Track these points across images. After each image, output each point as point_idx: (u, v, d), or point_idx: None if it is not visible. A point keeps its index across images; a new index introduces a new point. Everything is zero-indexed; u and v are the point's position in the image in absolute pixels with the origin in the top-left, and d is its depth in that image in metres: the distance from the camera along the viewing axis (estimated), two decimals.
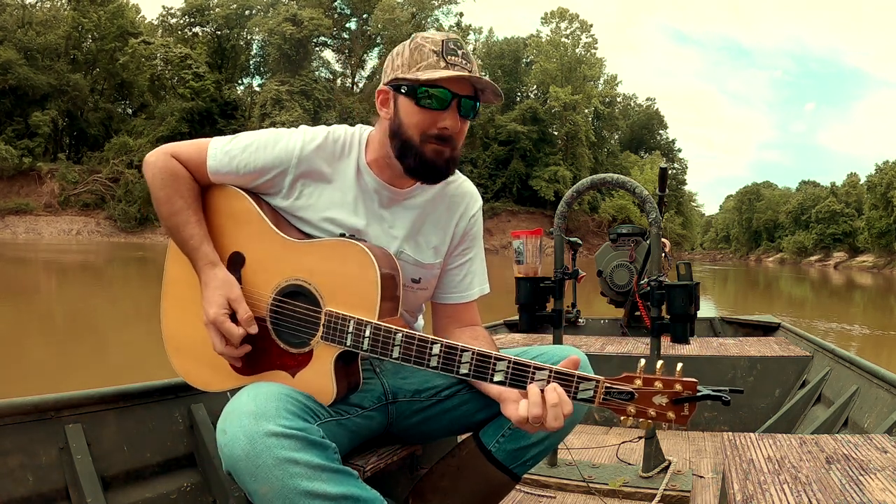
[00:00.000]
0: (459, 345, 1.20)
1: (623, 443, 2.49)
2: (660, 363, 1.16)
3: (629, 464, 2.30)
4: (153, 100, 57.52)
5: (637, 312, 3.97)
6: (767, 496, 1.18)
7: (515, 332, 3.80)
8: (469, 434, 1.52)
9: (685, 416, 1.13)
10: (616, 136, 73.45)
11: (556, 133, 61.46)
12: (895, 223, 54.61)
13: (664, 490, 2.01)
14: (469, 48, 1.35)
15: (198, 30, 62.34)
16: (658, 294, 2.08)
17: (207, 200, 1.43)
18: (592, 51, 65.47)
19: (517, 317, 2.24)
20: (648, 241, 3.10)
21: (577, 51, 64.50)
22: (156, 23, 62.32)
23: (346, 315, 1.26)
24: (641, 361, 1.17)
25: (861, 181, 67.82)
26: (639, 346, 3.26)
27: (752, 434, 1.58)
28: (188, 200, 1.38)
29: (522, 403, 1.18)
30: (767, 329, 4.07)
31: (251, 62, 64.60)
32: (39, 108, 52.98)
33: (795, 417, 2.64)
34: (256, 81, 64.38)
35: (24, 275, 18.79)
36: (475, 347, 1.20)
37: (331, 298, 1.28)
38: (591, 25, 65.70)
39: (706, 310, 13.56)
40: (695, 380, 1.14)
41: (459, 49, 1.31)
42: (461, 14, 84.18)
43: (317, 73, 61.54)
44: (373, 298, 1.26)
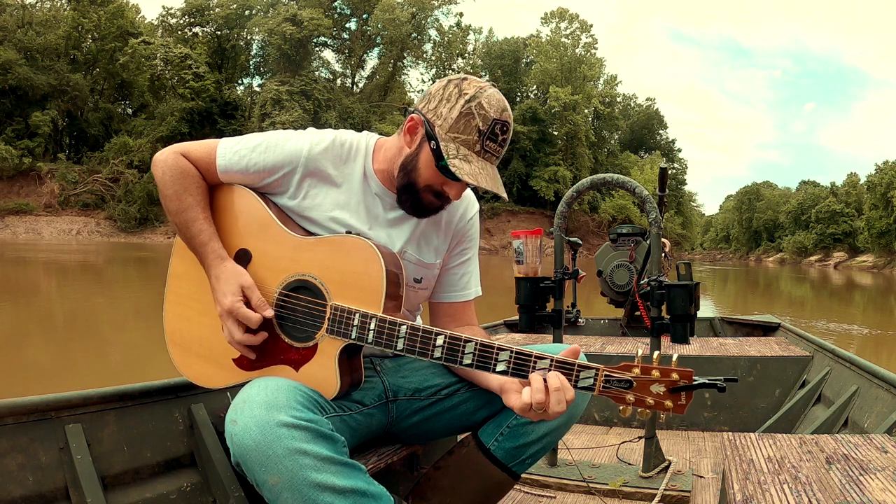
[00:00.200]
0: (463, 336, 1.23)
1: (623, 443, 2.49)
2: (656, 353, 1.18)
3: (629, 464, 2.30)
4: (153, 100, 57.51)
5: (637, 312, 3.97)
6: (767, 496, 1.18)
7: (515, 332, 3.79)
8: (468, 433, 1.53)
9: (682, 406, 1.16)
10: (616, 136, 73.42)
11: (556, 133, 61.45)
12: (895, 223, 54.62)
13: (664, 490, 2.01)
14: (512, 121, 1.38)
15: (198, 30, 62.30)
16: (658, 294, 2.08)
17: (214, 199, 1.45)
18: (592, 51, 65.48)
19: (517, 317, 2.24)
20: (648, 241, 3.10)
21: (577, 51, 64.48)
22: (156, 23, 62.30)
23: (352, 308, 1.28)
24: (639, 351, 1.19)
25: (861, 181, 67.83)
26: (639, 346, 3.24)
27: (752, 434, 1.58)
28: (197, 198, 1.40)
29: (525, 391, 1.21)
30: (767, 329, 4.07)
31: (251, 62, 64.61)
32: (39, 108, 52.96)
33: (795, 417, 2.64)
34: (256, 81, 64.46)
35: (24, 275, 18.79)
36: (478, 338, 1.23)
37: (336, 293, 1.30)
38: (591, 25, 65.78)
39: (706, 310, 13.58)
40: (690, 369, 1.16)
41: (503, 134, 1.35)
42: (461, 14, 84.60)
43: (317, 74, 61.52)
44: (378, 293, 1.28)
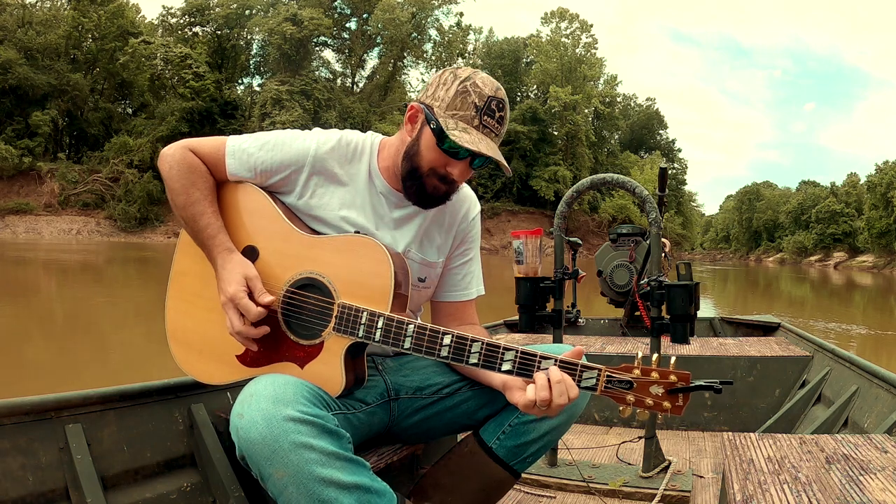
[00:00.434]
0: (469, 335, 1.25)
1: (623, 443, 2.49)
2: (655, 356, 1.21)
3: (629, 464, 2.30)
4: (153, 99, 57.48)
5: (637, 312, 3.97)
6: (767, 496, 1.18)
7: (515, 332, 3.79)
8: (469, 433, 1.53)
9: (680, 407, 1.19)
10: (616, 136, 73.43)
11: (556, 133, 61.44)
12: (895, 223, 54.62)
13: (664, 490, 2.01)
14: (508, 104, 1.39)
15: (198, 29, 62.31)
16: (658, 294, 2.08)
17: (222, 196, 1.46)
18: (592, 51, 65.48)
19: (517, 317, 2.24)
20: (648, 241, 3.10)
21: (577, 51, 64.48)
22: (156, 22, 62.30)
23: (360, 307, 1.29)
24: (639, 353, 1.21)
25: (861, 181, 67.84)
26: (639, 346, 3.26)
27: (752, 434, 1.58)
28: (204, 192, 1.41)
29: (530, 388, 1.23)
30: (767, 329, 4.06)
31: (251, 62, 64.60)
32: (39, 108, 52.95)
33: (795, 417, 2.64)
34: (256, 81, 64.46)
35: (24, 275, 18.78)
36: (484, 338, 1.25)
37: (344, 291, 1.31)
38: (592, 25, 65.76)
39: (706, 310, 13.58)
40: (688, 372, 1.19)
41: (499, 111, 1.36)
42: (461, 14, 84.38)
43: (317, 73, 61.52)
44: (386, 292, 1.29)
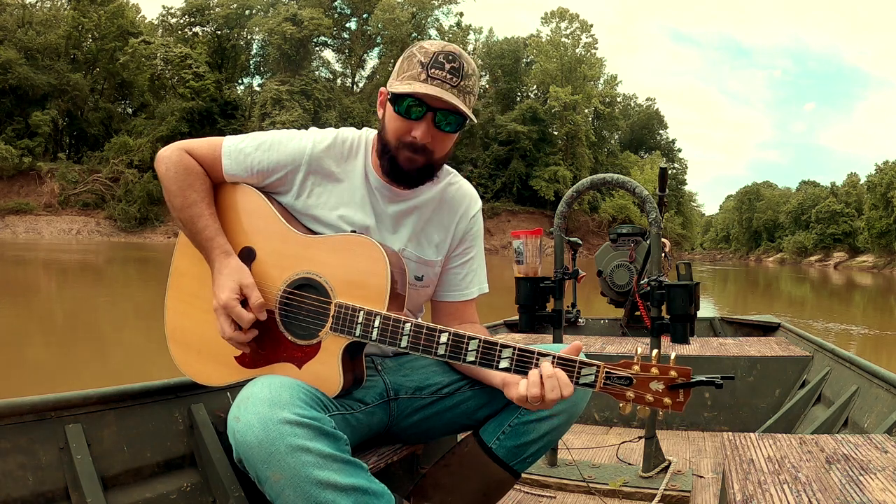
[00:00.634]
0: (466, 333, 1.24)
1: (623, 443, 2.49)
2: (654, 351, 1.20)
3: (629, 464, 2.30)
4: (153, 99, 57.50)
5: (637, 312, 3.97)
6: (767, 496, 1.18)
7: (515, 332, 3.80)
8: (469, 433, 1.53)
9: (680, 403, 1.17)
10: (616, 136, 73.44)
11: (556, 133, 61.45)
12: (895, 223, 54.61)
13: (664, 490, 2.01)
14: (470, 61, 1.35)
15: (198, 29, 62.33)
16: (658, 294, 2.07)
17: (219, 197, 1.45)
18: (592, 51, 65.49)
19: (517, 317, 2.24)
20: (648, 241, 3.10)
21: (577, 51, 64.49)
22: (156, 22, 62.35)
23: (357, 306, 1.28)
24: (638, 349, 1.20)
25: (861, 181, 67.84)
26: (639, 346, 3.25)
27: (752, 434, 1.58)
28: (201, 193, 1.41)
29: (522, 383, 1.23)
30: (767, 329, 4.06)
31: (251, 62, 64.61)
32: (39, 108, 52.95)
33: (795, 417, 2.64)
34: (256, 81, 64.51)
35: (24, 275, 18.77)
36: (482, 336, 1.24)
37: (341, 291, 1.31)
38: (592, 25, 65.78)
39: (706, 310, 13.57)
40: (689, 367, 1.18)
41: (449, 62, 1.31)
42: (461, 14, 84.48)
43: (317, 73, 61.55)
44: (383, 291, 1.28)
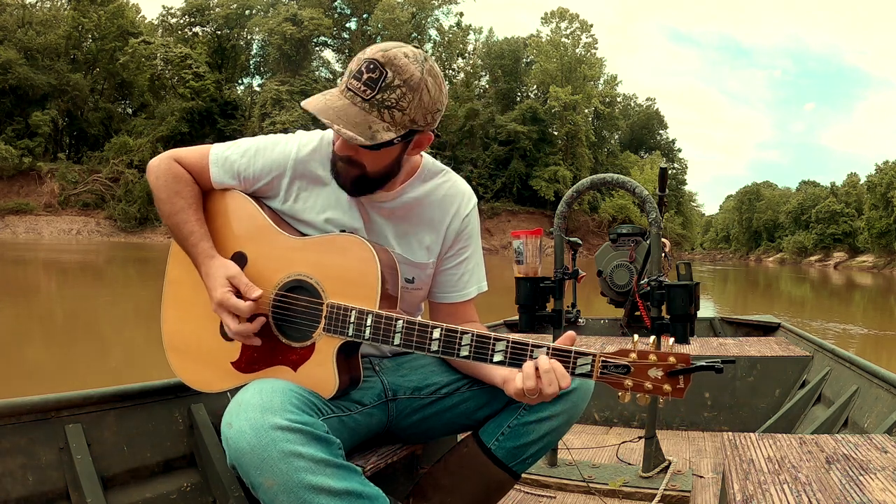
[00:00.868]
0: (459, 328, 1.24)
1: (623, 443, 2.49)
2: (652, 338, 1.18)
3: (629, 464, 2.30)
4: (153, 99, 57.54)
5: (637, 312, 3.96)
6: (767, 496, 1.18)
7: (515, 332, 3.79)
8: (469, 433, 1.52)
9: (681, 389, 1.15)
10: (616, 136, 73.47)
11: (556, 133, 61.46)
12: (895, 223, 54.62)
13: (664, 490, 2.01)
14: (406, 71, 1.23)
15: (198, 30, 62.37)
16: (658, 294, 2.08)
17: (209, 204, 1.46)
18: (592, 51, 65.50)
19: (517, 317, 2.23)
20: (648, 241, 3.09)
21: (577, 51, 64.49)
22: (156, 22, 62.40)
23: (348, 306, 1.28)
24: (635, 336, 1.18)
25: (861, 181, 67.85)
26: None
27: (752, 434, 1.58)
28: (189, 200, 1.42)
29: (518, 376, 1.22)
30: (767, 329, 4.06)
31: (251, 62, 64.64)
32: (39, 108, 52.98)
33: (795, 417, 2.64)
34: (256, 81, 64.56)
35: (24, 275, 18.78)
36: (474, 330, 1.24)
37: (332, 291, 1.31)
38: (592, 25, 65.80)
39: (706, 310, 13.57)
40: (688, 353, 1.16)
41: (369, 72, 1.23)
42: (461, 14, 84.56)
43: (317, 73, 61.56)
44: (373, 289, 1.28)
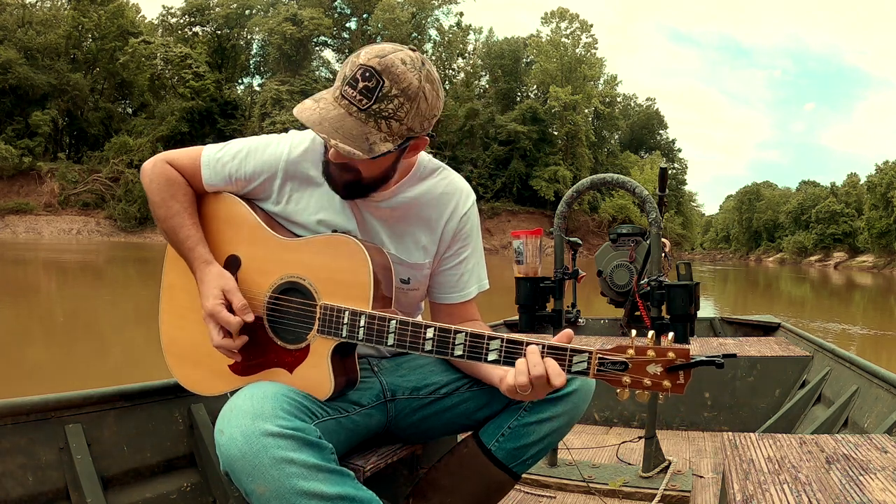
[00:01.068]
0: (453, 327, 1.22)
1: (623, 443, 2.49)
2: (651, 332, 1.14)
3: (629, 464, 2.30)
4: (153, 99, 57.52)
5: (637, 312, 3.96)
6: (767, 496, 1.18)
7: (515, 332, 3.80)
8: (469, 433, 1.52)
9: (681, 385, 1.12)
10: (616, 136, 73.48)
11: (556, 133, 61.46)
12: (895, 223, 54.62)
13: (664, 490, 2.01)
14: (403, 78, 1.20)
15: (198, 29, 62.37)
16: (658, 294, 2.08)
17: (203, 207, 1.46)
18: (592, 51, 65.52)
19: (517, 317, 2.24)
20: (648, 241, 3.09)
21: (577, 51, 64.50)
22: (156, 22, 62.39)
23: (341, 307, 1.27)
24: (633, 332, 1.15)
25: (861, 181, 67.86)
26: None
27: (752, 434, 1.58)
28: (184, 204, 1.42)
29: (510, 373, 1.20)
30: (767, 329, 4.07)
31: (251, 62, 64.64)
32: (39, 108, 52.97)
33: (795, 417, 2.65)
34: (256, 81, 64.56)
35: (24, 275, 18.78)
36: (468, 329, 1.22)
37: (325, 292, 1.30)
38: (592, 25, 65.82)
39: (706, 310, 13.58)
40: (687, 347, 1.12)
41: (364, 80, 1.19)
42: (461, 14, 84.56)
43: (317, 73, 61.55)
44: (366, 289, 1.27)
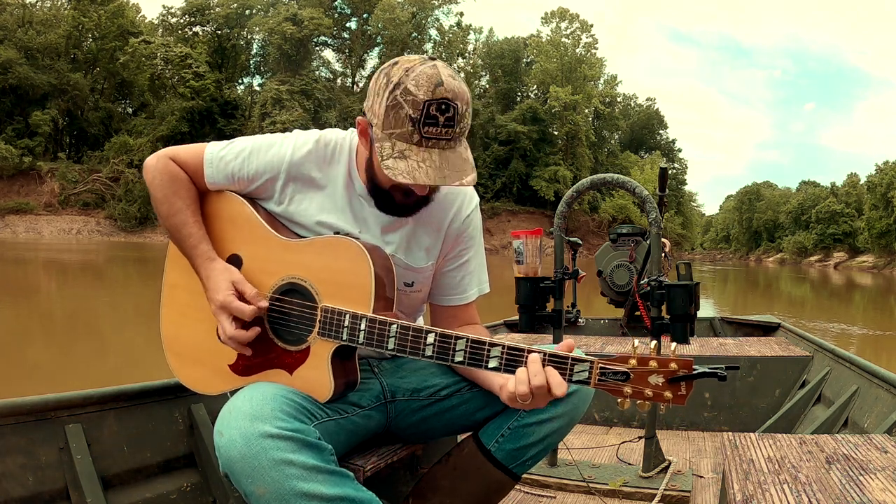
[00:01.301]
0: (454, 332, 1.21)
1: (623, 443, 2.49)
2: (653, 343, 1.14)
3: (629, 464, 2.30)
4: (153, 99, 57.49)
5: (637, 312, 3.96)
6: (767, 496, 1.18)
7: (515, 332, 3.80)
8: (469, 434, 1.52)
9: (682, 396, 1.11)
10: (616, 136, 73.47)
11: (557, 133, 61.47)
12: (895, 223, 54.61)
13: (664, 490, 2.01)
14: (460, 90, 1.19)
15: (198, 29, 62.34)
16: (658, 294, 2.08)
17: (205, 205, 1.45)
18: (593, 51, 65.50)
19: (517, 317, 2.23)
20: (648, 241, 3.10)
21: (578, 51, 64.49)
22: (156, 22, 62.36)
23: (342, 309, 1.27)
24: (636, 342, 1.14)
25: (861, 181, 67.86)
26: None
27: (752, 434, 1.58)
28: (186, 201, 1.41)
29: (510, 381, 1.19)
30: (767, 329, 4.07)
31: (251, 62, 64.62)
32: (40, 108, 52.95)
33: (795, 417, 2.65)
34: (257, 81, 64.53)
35: (24, 275, 18.78)
36: (469, 335, 1.20)
37: (326, 294, 1.30)
38: (592, 25, 65.81)
39: (706, 310, 13.57)
40: (690, 358, 1.11)
41: (444, 112, 1.18)
42: (461, 14, 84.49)
43: (317, 73, 61.58)
44: (367, 292, 1.27)
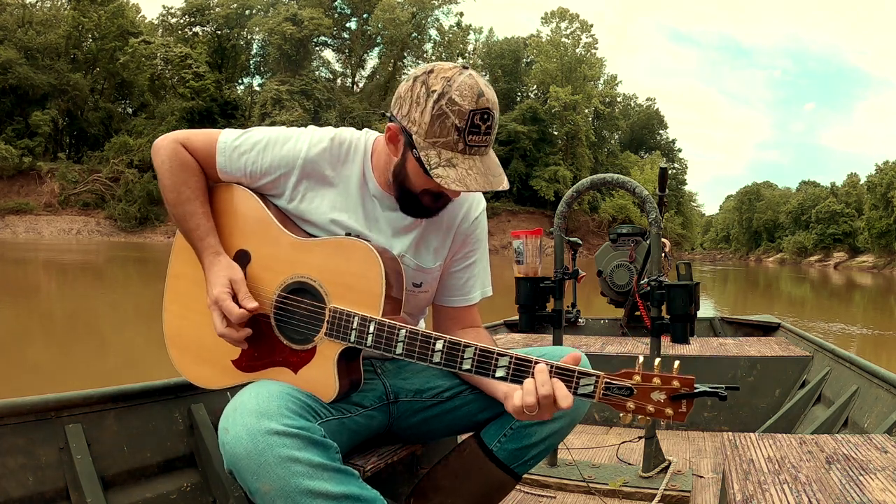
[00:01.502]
0: (462, 341, 1.21)
1: (623, 443, 2.49)
2: (657, 360, 1.16)
3: (629, 464, 2.30)
4: (153, 99, 57.48)
5: (637, 312, 3.96)
6: (767, 496, 1.18)
7: (515, 332, 3.80)
8: (470, 434, 1.52)
9: (683, 413, 1.14)
10: (616, 136, 73.47)
11: (557, 133, 61.46)
12: (895, 223, 54.61)
13: (664, 490, 2.01)
14: (494, 98, 1.27)
15: (198, 29, 62.34)
16: (658, 294, 2.08)
17: (214, 198, 1.43)
18: (593, 51, 65.51)
19: (517, 317, 2.24)
20: (648, 241, 3.10)
21: (578, 51, 64.49)
22: (156, 22, 62.36)
23: (351, 311, 1.27)
24: (640, 358, 1.17)
25: (861, 181, 67.86)
26: (639, 346, 3.26)
27: (752, 434, 1.58)
28: (196, 191, 1.39)
29: (517, 394, 1.19)
30: (767, 329, 4.07)
31: (251, 62, 64.60)
32: (39, 108, 52.94)
33: (795, 417, 2.65)
34: (256, 81, 64.52)
35: (24, 275, 18.78)
36: (478, 344, 1.21)
37: (335, 295, 1.29)
38: (592, 25, 65.81)
39: (706, 310, 13.58)
40: (692, 377, 1.14)
41: (485, 122, 1.25)
42: (461, 14, 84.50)
43: (317, 73, 61.57)
44: (377, 296, 1.27)
